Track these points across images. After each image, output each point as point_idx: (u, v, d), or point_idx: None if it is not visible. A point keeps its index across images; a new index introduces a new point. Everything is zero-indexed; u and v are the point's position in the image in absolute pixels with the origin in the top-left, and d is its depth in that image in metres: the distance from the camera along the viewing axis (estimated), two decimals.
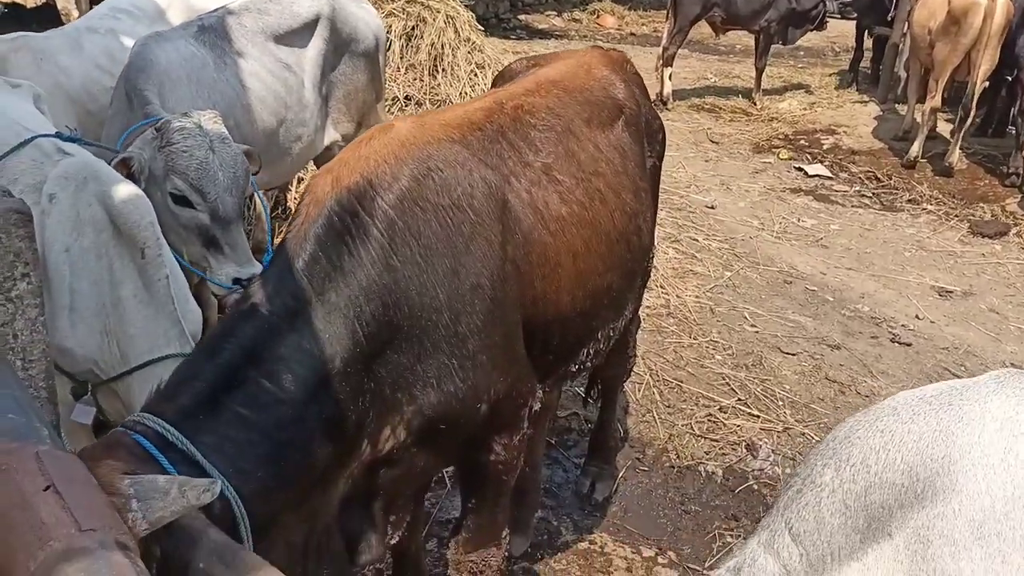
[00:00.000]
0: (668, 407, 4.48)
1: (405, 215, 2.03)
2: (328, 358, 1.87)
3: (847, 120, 10.40)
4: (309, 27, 3.90)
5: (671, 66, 10.68)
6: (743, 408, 4.51)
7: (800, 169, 8.93)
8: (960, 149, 8.68)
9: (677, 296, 5.73)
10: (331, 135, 4.15)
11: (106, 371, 2.35)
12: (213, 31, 3.64)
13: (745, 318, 5.56)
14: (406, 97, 5.72)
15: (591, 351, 2.70)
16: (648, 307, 5.37)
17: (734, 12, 10.43)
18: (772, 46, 11.03)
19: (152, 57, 3.36)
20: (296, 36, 3.87)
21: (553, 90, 2.64)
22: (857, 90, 11.44)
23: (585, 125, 2.63)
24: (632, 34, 16.89)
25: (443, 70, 5.89)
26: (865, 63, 12.54)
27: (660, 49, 10.70)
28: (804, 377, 4.91)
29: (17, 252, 1.72)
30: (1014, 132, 8.40)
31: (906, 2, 10.21)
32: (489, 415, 2.18)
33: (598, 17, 17.61)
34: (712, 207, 7.65)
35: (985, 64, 8.11)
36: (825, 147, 9.65)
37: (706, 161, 9.11)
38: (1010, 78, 8.51)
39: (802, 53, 15.04)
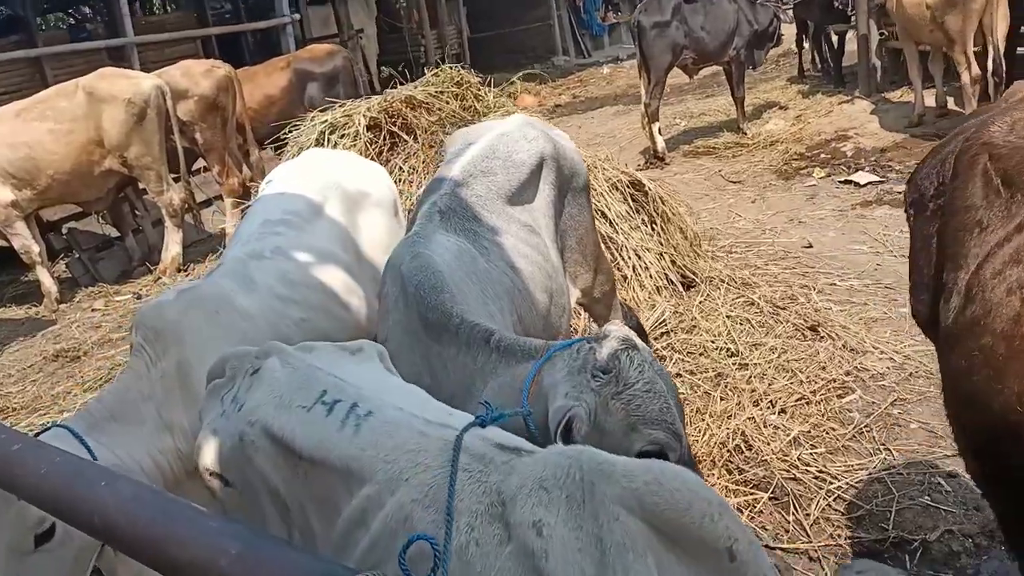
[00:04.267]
0: None
1: None
2: None
3: (848, 123, 10.15)
4: (535, 175, 3.11)
5: (658, 120, 10.27)
6: None
7: (849, 182, 8.52)
8: None
9: (908, 357, 4.94)
10: (574, 295, 3.33)
11: None
12: (455, 214, 2.80)
13: None
14: None
15: None
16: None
17: (703, 49, 10.14)
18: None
19: (435, 267, 2.49)
20: (526, 189, 3.07)
21: None
22: (839, 91, 11.30)
23: None
24: (558, 106, 16.58)
25: None
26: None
27: (642, 107, 10.27)
28: None
29: None
30: None
31: None
32: None
33: (516, 100, 17.26)
34: (810, 246, 7.08)
35: (1002, 24, 7.94)
36: (849, 154, 9.32)
37: (752, 202, 8.60)
38: None
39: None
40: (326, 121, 5.16)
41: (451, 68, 5.44)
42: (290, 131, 5.39)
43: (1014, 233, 1.84)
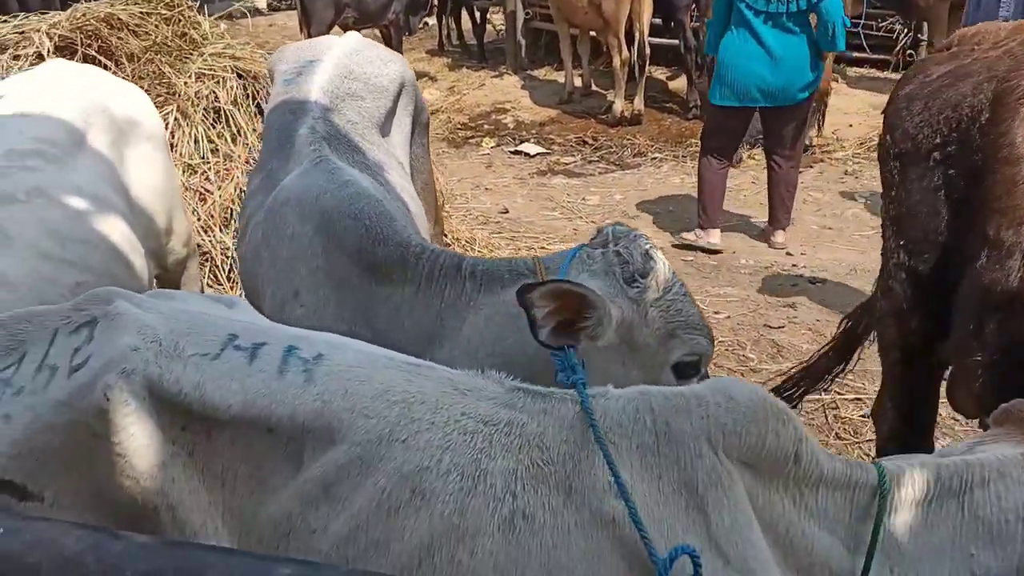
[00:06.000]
0: None
1: None
2: None
3: (503, 96, 10.51)
4: (395, 103, 2.58)
5: None
6: None
7: (519, 152, 8.81)
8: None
9: None
10: None
11: None
12: (339, 142, 2.19)
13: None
14: None
15: None
16: None
17: (365, 10, 9.81)
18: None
19: (375, 196, 1.94)
20: (389, 119, 2.53)
21: None
22: (484, 66, 11.61)
23: None
24: None
25: None
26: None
27: None
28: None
29: None
30: (685, 68, 9.25)
31: None
32: None
33: None
34: (506, 211, 7.18)
35: (646, 13, 8.74)
36: (511, 126, 9.67)
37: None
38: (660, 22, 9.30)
39: None
40: None
41: None
42: None
43: None
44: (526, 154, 8.72)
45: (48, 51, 3.95)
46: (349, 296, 1.91)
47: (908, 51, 9.24)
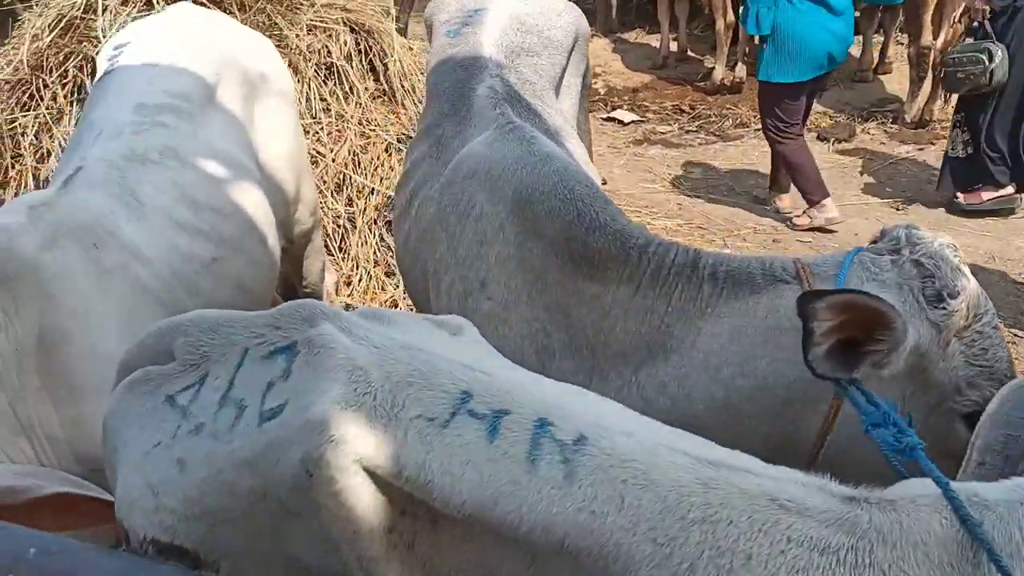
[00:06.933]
0: None
1: None
2: None
3: (593, 60, 9.92)
4: (568, 59, 2.27)
5: None
6: None
7: (612, 119, 8.41)
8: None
9: None
10: None
11: None
12: (519, 106, 1.89)
13: None
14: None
15: None
16: None
17: None
18: None
19: (583, 173, 1.64)
20: (562, 80, 2.23)
21: None
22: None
23: None
24: None
25: None
26: None
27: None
28: None
29: None
30: None
31: None
32: None
33: None
34: (604, 183, 6.80)
35: None
36: (602, 91, 9.23)
37: None
38: None
39: None
40: None
41: None
42: None
43: None
44: (619, 122, 8.32)
45: None
46: (544, 292, 1.60)
47: None
